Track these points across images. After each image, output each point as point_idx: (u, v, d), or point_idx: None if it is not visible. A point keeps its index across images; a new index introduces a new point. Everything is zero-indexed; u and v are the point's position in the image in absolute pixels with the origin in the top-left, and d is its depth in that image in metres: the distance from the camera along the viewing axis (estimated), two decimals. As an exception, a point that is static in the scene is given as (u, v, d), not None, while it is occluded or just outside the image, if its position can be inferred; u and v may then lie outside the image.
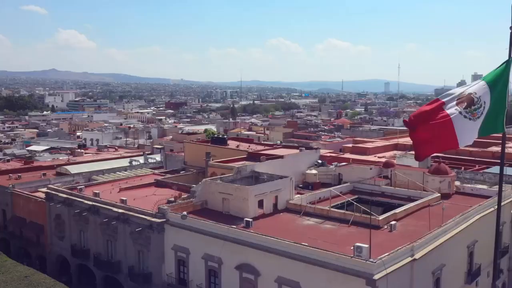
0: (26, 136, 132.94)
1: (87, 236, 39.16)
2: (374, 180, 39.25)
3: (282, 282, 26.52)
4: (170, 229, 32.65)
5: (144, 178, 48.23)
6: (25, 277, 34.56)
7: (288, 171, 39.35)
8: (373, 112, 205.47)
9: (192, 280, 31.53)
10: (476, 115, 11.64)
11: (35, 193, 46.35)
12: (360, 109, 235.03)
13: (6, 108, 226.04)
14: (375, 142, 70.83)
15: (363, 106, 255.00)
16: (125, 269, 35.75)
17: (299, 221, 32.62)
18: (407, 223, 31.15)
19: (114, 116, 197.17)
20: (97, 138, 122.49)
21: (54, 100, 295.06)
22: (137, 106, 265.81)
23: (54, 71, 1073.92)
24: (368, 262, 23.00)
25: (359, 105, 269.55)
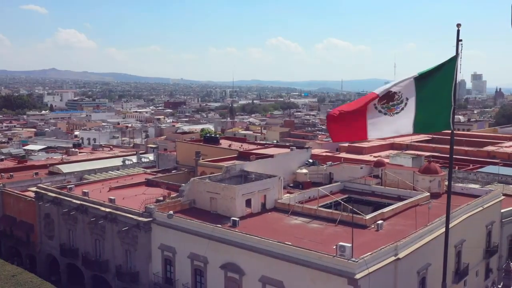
0: (23, 135, 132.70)
1: (76, 235, 39.01)
2: (364, 180, 39.07)
3: (266, 281, 26.36)
4: (157, 228, 32.49)
5: (135, 177, 48.08)
6: (12, 276, 34.45)
7: (278, 170, 39.19)
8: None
9: (178, 279, 31.38)
10: (394, 110, 11.50)
11: (26, 193, 46.17)
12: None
13: (5, 107, 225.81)
14: (371, 142, 70.66)
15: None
16: (113, 268, 35.59)
17: (286, 220, 32.46)
18: (395, 222, 30.97)
19: (113, 116, 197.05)
20: (94, 138, 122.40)
21: (53, 100, 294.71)
22: (135, 106, 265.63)
23: (54, 71, 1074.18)
24: (350, 261, 22.85)
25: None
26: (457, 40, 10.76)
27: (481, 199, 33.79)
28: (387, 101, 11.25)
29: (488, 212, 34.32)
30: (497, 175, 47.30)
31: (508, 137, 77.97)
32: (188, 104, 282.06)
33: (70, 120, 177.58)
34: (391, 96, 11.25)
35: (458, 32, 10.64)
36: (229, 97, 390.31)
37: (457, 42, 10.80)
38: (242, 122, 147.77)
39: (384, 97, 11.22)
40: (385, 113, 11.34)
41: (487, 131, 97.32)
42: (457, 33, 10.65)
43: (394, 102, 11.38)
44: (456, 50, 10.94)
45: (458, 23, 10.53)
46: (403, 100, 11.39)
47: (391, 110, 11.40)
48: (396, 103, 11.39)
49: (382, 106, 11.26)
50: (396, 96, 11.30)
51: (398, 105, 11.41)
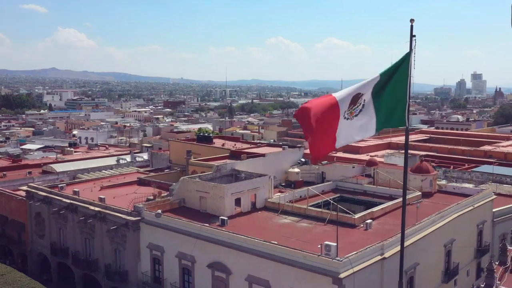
0: (21, 134, 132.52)
1: (66, 234, 38.85)
2: (356, 179, 38.85)
3: (252, 280, 26.18)
4: (145, 227, 32.30)
5: (128, 177, 47.89)
6: (1, 275, 34.33)
7: (270, 169, 38.99)
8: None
9: (166, 278, 31.19)
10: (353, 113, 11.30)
11: (18, 192, 46.00)
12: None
13: (4, 106, 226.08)
14: (367, 141, 70.53)
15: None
16: (102, 267, 35.43)
17: (276, 219, 32.27)
18: (384, 221, 30.76)
19: (111, 115, 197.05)
20: (91, 137, 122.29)
21: (52, 99, 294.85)
22: (135, 105, 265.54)
23: (54, 70, 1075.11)
24: (334, 260, 22.66)
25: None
26: (411, 35, 10.56)
27: (472, 199, 33.57)
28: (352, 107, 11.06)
29: (479, 212, 34.10)
30: (491, 175, 47.13)
31: (506, 137, 77.91)
32: (188, 104, 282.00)
33: (69, 120, 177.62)
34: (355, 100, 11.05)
35: (412, 28, 10.44)
36: (228, 96, 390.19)
37: (411, 37, 10.61)
38: (240, 122, 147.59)
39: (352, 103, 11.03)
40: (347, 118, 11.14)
41: (485, 131, 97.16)
42: (411, 29, 10.45)
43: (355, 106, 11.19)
44: (409, 46, 10.74)
45: (412, 19, 10.36)
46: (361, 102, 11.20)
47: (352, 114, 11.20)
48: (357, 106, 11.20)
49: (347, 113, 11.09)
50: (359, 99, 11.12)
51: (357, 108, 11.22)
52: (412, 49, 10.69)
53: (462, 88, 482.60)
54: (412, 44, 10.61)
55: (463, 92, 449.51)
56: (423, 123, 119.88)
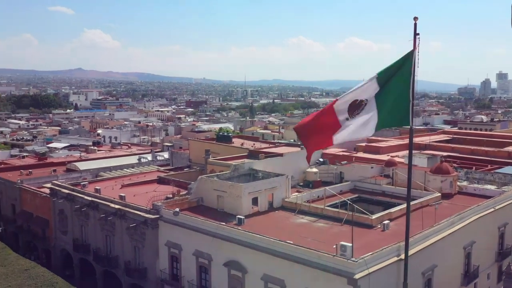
0: (48, 133, 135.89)
1: (88, 231, 39.76)
2: (375, 179, 38.53)
3: (268, 279, 26.30)
4: (163, 225, 32.80)
5: (148, 175, 48.67)
6: (25, 270, 35.41)
7: (288, 169, 38.99)
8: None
9: (184, 276, 31.61)
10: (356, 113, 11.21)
11: (42, 189, 47.28)
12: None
13: (32, 106, 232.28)
14: (389, 141, 69.71)
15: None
16: (122, 264, 36.12)
17: (292, 219, 32.31)
18: (402, 222, 30.06)
19: (135, 115, 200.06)
20: (115, 136, 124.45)
21: (78, 99, 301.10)
22: (158, 105, 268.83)
23: (80, 70, 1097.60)
24: (349, 261, 22.59)
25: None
26: (414, 34, 10.43)
27: (493, 200, 32.90)
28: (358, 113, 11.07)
29: (501, 214, 33.38)
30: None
31: (532, 137, 75.67)
32: (209, 104, 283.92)
33: (94, 119, 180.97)
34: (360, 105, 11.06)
35: (415, 26, 10.30)
36: (250, 96, 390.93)
37: (414, 36, 10.47)
38: (261, 122, 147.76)
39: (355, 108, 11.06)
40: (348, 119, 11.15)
41: (509, 131, 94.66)
42: (414, 27, 10.32)
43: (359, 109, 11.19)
44: (413, 44, 10.60)
45: (415, 17, 10.22)
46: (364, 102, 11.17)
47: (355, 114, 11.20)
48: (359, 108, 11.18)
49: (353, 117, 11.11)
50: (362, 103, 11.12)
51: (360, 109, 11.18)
52: (416, 47, 10.58)
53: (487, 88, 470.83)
54: (415, 42, 10.50)
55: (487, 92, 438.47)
56: (446, 123, 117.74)
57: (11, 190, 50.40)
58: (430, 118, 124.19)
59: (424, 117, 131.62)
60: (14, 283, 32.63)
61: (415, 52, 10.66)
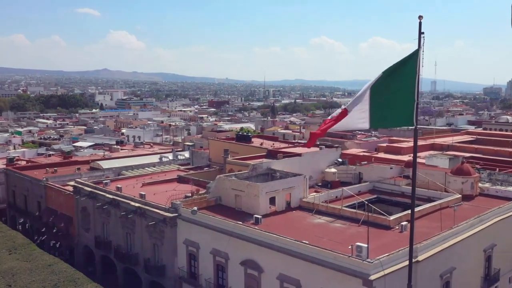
0: (74, 132, 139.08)
1: (109, 228, 40.62)
2: (394, 180, 38.14)
3: (283, 279, 26.40)
4: (182, 223, 33.27)
5: (168, 174, 49.33)
6: (48, 265, 36.39)
7: (306, 169, 39.05)
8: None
9: (202, 274, 31.99)
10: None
11: (66, 187, 48.48)
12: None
13: (60, 106, 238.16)
14: (411, 142, 68.78)
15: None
16: (142, 261, 36.78)
17: (310, 219, 32.30)
18: (421, 224, 30.00)
19: (158, 114, 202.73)
20: (139, 135, 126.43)
21: (103, 99, 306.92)
22: (180, 105, 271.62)
23: (106, 71, 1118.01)
24: (365, 262, 22.50)
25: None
26: (419, 32, 10.33)
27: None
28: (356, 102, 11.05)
29: (525, 216, 32.54)
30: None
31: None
32: (232, 103, 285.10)
33: (118, 119, 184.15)
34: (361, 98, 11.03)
35: (420, 25, 10.22)
36: (272, 96, 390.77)
37: (419, 34, 10.36)
38: (282, 121, 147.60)
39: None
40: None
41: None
42: (419, 26, 10.23)
43: None
44: (418, 43, 10.50)
45: (420, 15, 10.15)
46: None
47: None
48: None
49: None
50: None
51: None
52: (421, 46, 10.52)
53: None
54: (420, 41, 10.44)
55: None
56: (470, 123, 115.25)
57: (37, 187, 51.86)
58: (454, 119, 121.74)
59: (447, 117, 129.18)
60: (38, 278, 33.55)
61: (420, 51, 10.58)
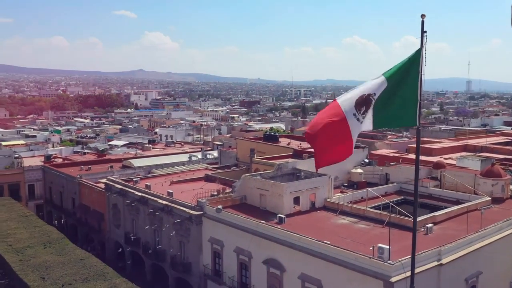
0: (110, 131, 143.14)
1: (138, 225, 41.73)
2: (422, 181, 37.42)
3: (305, 279, 26.48)
4: (207, 221, 33.84)
5: (196, 173, 50.17)
6: (80, 259, 37.74)
7: (332, 169, 38.34)
8: (449, 112, 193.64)
9: (226, 272, 32.46)
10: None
11: (99, 184, 50.12)
12: (436, 108, 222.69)
13: (97, 105, 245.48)
14: (442, 143, 67.20)
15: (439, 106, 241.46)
16: (169, 258, 37.61)
17: (334, 219, 32.21)
18: (447, 226, 29.46)
19: (191, 114, 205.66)
20: (171, 135, 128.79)
21: (138, 99, 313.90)
22: (212, 105, 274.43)
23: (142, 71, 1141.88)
24: (386, 263, 22.30)
25: (436, 105, 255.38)
26: (422, 31, 10.18)
27: (549, 206, 30.98)
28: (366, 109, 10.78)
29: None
30: None
31: None
32: (263, 103, 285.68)
33: (152, 118, 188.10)
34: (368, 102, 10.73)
35: (423, 23, 10.08)
36: (303, 96, 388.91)
37: (422, 33, 10.21)
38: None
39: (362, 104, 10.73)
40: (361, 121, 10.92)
41: None
42: (422, 24, 10.10)
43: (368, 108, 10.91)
44: (420, 42, 10.37)
45: (423, 14, 10.03)
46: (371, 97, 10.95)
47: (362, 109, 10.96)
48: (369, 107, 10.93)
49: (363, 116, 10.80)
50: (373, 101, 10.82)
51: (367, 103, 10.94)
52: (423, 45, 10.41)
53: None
54: (423, 40, 10.34)
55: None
56: (506, 124, 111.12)
57: (71, 184, 53.85)
58: (489, 119, 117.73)
59: (482, 118, 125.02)
60: (69, 271, 34.82)
61: (423, 51, 10.48)
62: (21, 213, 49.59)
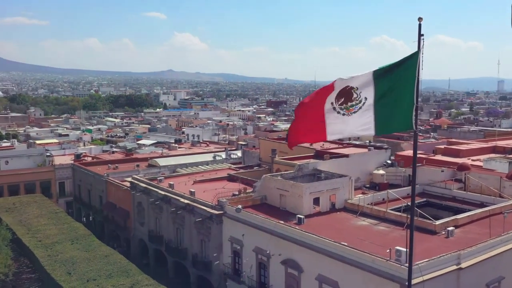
0: (139, 131, 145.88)
1: (161, 223, 42.56)
2: (445, 184, 36.76)
3: (322, 280, 26.49)
4: (227, 221, 34.25)
5: (219, 172, 50.70)
6: (105, 256, 38.86)
7: (354, 170, 38.63)
8: (479, 112, 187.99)
9: (245, 271, 32.75)
10: (352, 110, 10.74)
11: (124, 182, 51.30)
12: (466, 108, 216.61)
13: (127, 105, 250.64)
14: (471, 144, 65.53)
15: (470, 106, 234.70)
16: (190, 256, 38.23)
17: (353, 221, 32.04)
18: (469, 230, 28.86)
19: (218, 114, 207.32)
20: (198, 134, 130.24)
21: (167, 99, 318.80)
22: (239, 104, 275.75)
23: (171, 72, 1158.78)
24: (402, 266, 22.10)
25: (466, 105, 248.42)
26: (419, 34, 10.10)
27: None
28: (345, 101, 10.81)
29: None
30: None
31: None
32: (290, 104, 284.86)
33: (180, 118, 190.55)
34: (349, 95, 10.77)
35: (420, 26, 10.02)
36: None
37: (419, 36, 10.13)
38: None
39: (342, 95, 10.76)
40: (344, 114, 10.96)
41: None
42: (419, 27, 10.01)
43: (353, 103, 10.89)
44: (418, 45, 10.28)
45: (420, 17, 9.95)
46: (361, 100, 10.91)
47: (349, 110, 10.96)
48: (355, 103, 10.91)
49: (341, 107, 10.88)
50: (354, 94, 10.83)
51: (357, 105, 10.93)
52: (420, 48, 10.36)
53: None
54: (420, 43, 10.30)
55: None
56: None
57: (99, 182, 55.36)
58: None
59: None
60: (94, 267, 35.96)
61: (420, 54, 10.44)
62: (51, 210, 51.44)
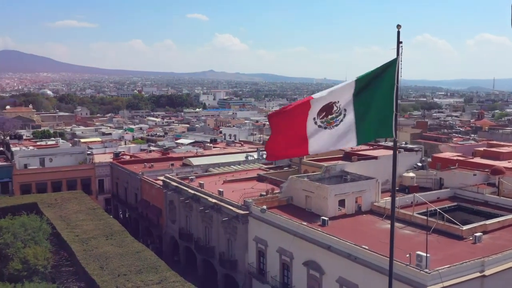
0: (178, 130, 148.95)
1: (191, 221, 43.57)
2: (477, 188, 35.62)
3: (343, 283, 26.44)
4: (253, 221, 34.70)
5: (250, 172, 51.22)
6: (136, 252, 40.23)
7: (382, 172, 38.00)
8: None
9: (269, 271, 33.11)
10: (333, 123, 10.55)
11: (158, 181, 52.77)
12: (511, 109, 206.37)
13: (168, 105, 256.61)
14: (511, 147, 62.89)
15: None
16: (217, 254, 38.96)
17: (379, 224, 31.71)
18: (499, 236, 27.96)
19: (255, 114, 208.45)
20: (234, 134, 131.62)
21: (207, 99, 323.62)
22: (277, 105, 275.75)
23: (212, 72, 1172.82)
24: (422, 272, 21.77)
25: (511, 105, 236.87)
26: (398, 41, 9.95)
27: None
28: (326, 115, 10.75)
29: None
30: None
31: None
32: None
33: (218, 118, 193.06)
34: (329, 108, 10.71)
35: (399, 34, 9.90)
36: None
37: (398, 44, 9.97)
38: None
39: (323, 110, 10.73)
40: (325, 127, 10.91)
41: None
42: (397, 35, 9.88)
43: (333, 115, 10.78)
44: (396, 53, 10.13)
45: (398, 24, 9.82)
46: (341, 112, 10.81)
47: (331, 123, 10.88)
48: (335, 115, 10.81)
49: (322, 121, 10.83)
50: (334, 107, 10.76)
51: (337, 118, 10.84)
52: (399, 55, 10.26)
53: None
54: (399, 50, 10.20)
55: None
56: None
57: (134, 180, 57.19)
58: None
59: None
60: (126, 263, 37.25)
61: (398, 60, 10.34)
62: (90, 206, 53.61)
